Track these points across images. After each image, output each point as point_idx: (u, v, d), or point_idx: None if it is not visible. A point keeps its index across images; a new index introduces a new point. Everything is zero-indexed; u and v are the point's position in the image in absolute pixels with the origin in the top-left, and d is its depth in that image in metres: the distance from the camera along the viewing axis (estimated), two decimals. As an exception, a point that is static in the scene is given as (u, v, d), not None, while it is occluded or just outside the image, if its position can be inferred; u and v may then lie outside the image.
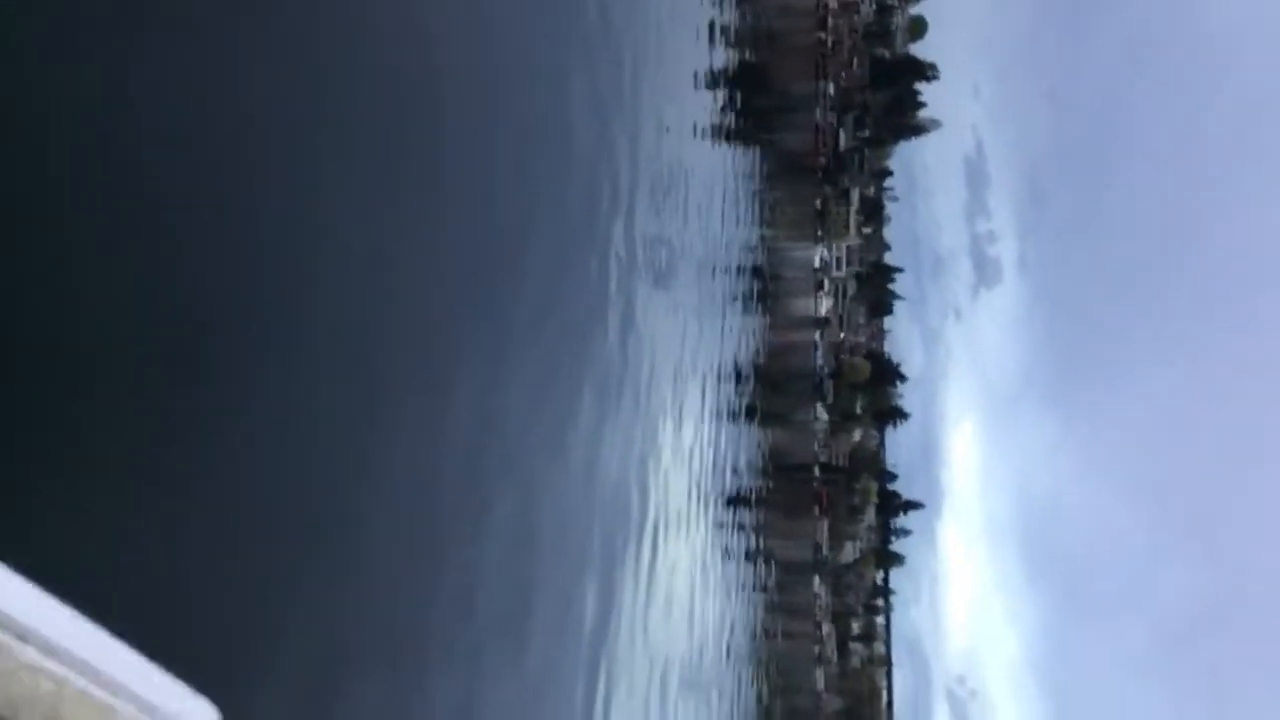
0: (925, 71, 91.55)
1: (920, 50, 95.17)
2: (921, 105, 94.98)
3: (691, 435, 23.24)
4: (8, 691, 1.66)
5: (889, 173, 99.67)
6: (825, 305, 71.14)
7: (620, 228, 16.99)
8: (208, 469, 5.81)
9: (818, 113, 65.53)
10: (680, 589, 21.17)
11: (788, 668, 49.44)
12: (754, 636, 36.16)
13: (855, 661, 79.76)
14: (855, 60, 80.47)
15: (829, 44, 69.39)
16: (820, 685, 64.53)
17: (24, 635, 1.68)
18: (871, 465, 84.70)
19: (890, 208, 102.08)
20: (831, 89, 69.75)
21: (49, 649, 1.75)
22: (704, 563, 24.69)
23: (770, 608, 42.01)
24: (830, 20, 70.24)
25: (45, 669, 1.72)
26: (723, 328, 31.02)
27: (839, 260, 75.68)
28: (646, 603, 16.62)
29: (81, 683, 1.80)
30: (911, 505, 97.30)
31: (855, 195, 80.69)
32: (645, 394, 17.48)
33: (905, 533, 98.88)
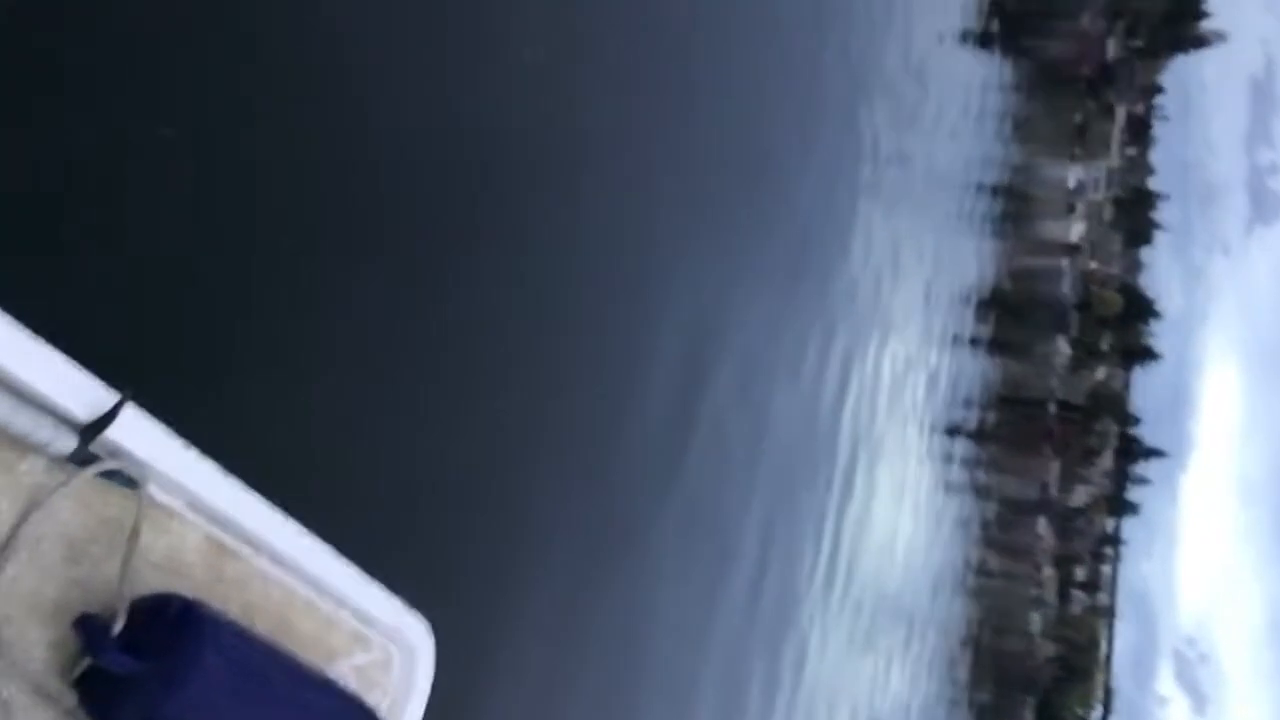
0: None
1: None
2: (1205, 15, 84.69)
3: (921, 358, 22.28)
4: (245, 597, 1.92)
5: (1160, 89, 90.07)
6: (1077, 230, 66.05)
7: (866, 143, 16.22)
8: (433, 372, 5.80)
9: (1085, 17, 59.77)
10: (896, 517, 20.68)
11: (1002, 608, 47.86)
12: (969, 573, 35.23)
13: (1076, 609, 76.05)
14: (1134, -41, 72.61)
15: (1106, -59, 62.89)
16: (1035, 629, 62.10)
17: (258, 545, 1.97)
18: (1113, 407, 79.00)
19: (1159, 128, 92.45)
20: (1104, -8, 63.41)
21: (279, 559, 2.01)
22: (923, 493, 23.96)
23: (989, 545, 40.66)
24: (1110, -86, 63.48)
25: (276, 578, 2.02)
26: (964, 251, 29.39)
27: (1097, 182, 69.72)
28: (860, 528, 16.28)
29: (307, 593, 2.07)
30: (1154, 453, 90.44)
31: (1120, 112, 73.63)
32: (875, 312, 16.77)
33: (1144, 481, 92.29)
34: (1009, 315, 40.40)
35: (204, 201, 4.43)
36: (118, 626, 1.58)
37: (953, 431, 28.78)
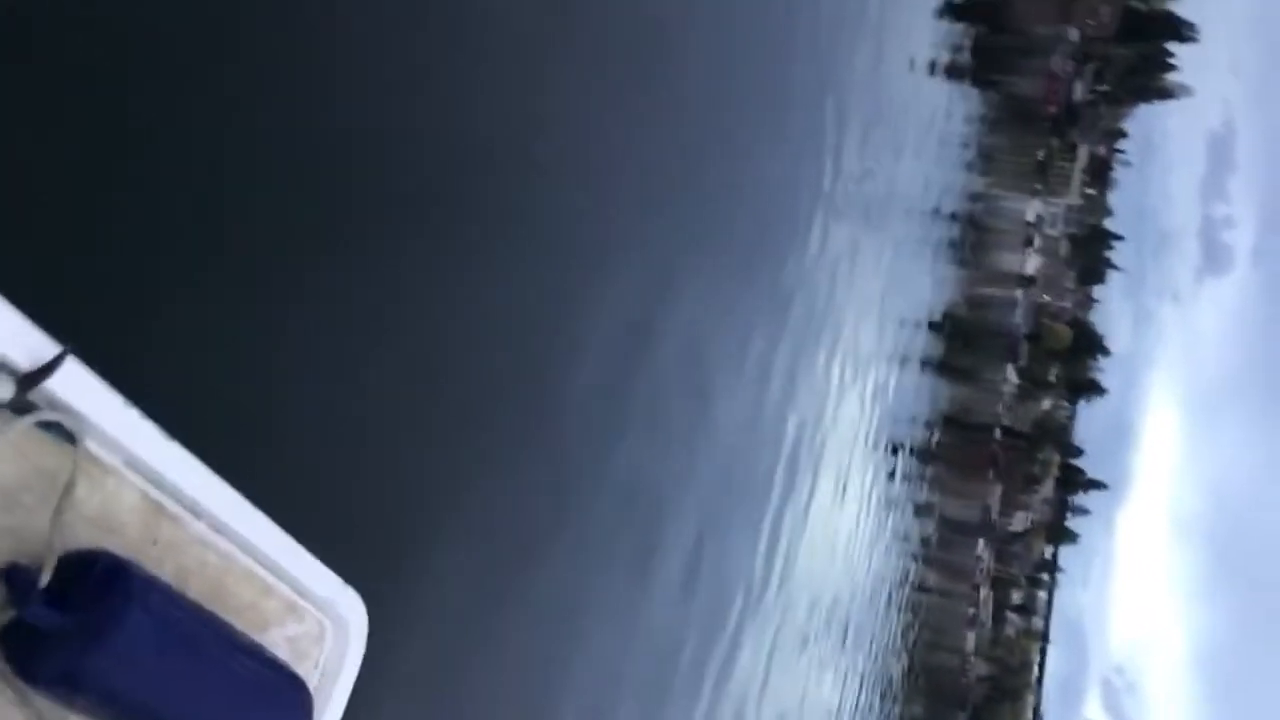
0: (1182, 31, 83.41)
1: (1180, 8, 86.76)
2: (1171, 68, 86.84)
3: (870, 372, 22.81)
4: (179, 561, 1.89)
5: (1123, 134, 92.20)
6: (1033, 263, 67.53)
7: (829, 155, 16.62)
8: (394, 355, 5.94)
9: (1056, 59, 61.41)
10: (837, 529, 20.97)
11: (938, 625, 48.54)
12: (907, 587, 35.58)
13: (1010, 631, 77.47)
14: (1105, 8, 74.43)
15: (1079, -15, 64.49)
16: (970, 648, 63.23)
17: (197, 511, 1.95)
18: (1057, 437, 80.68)
19: (1120, 172, 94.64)
20: (1075, 35, 65.00)
21: (218, 526, 2.00)
22: (864, 504, 24.40)
23: (928, 562, 41.18)
24: (1085, -41, 65.16)
25: (213, 544, 1.99)
26: (918, 272, 30.02)
27: (1055, 218, 71.40)
28: (798, 532, 16.50)
29: (245, 561, 2.07)
30: (1094, 484, 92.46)
31: (1083, 152, 75.40)
32: (826, 320, 17.22)
33: (1083, 511, 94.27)
34: (960, 340, 41.42)
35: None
36: (44, 579, 1.56)
37: (897, 448, 29.33)
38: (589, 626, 8.64)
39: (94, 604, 1.59)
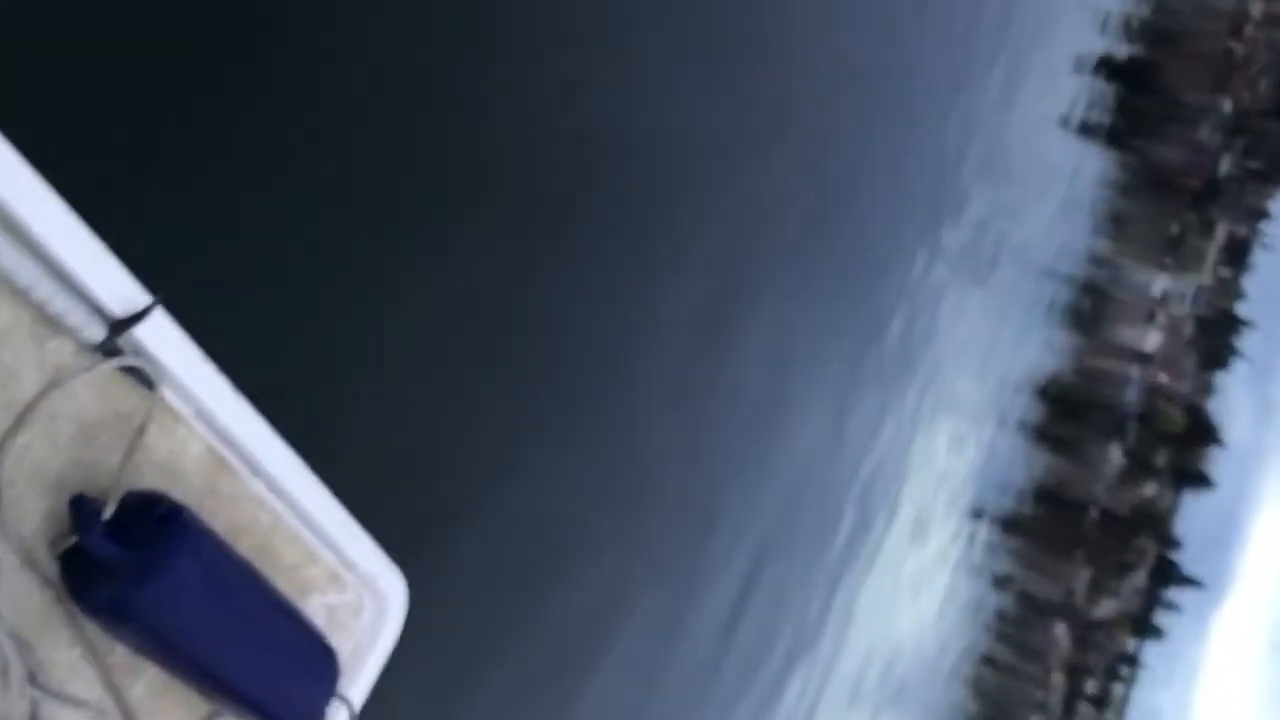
0: (1346, 111, 79.06)
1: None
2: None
3: (962, 430, 21.80)
4: (233, 515, 2.00)
5: (1267, 215, 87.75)
6: (1153, 340, 64.48)
7: (948, 201, 15.97)
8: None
9: (1204, 130, 58.60)
10: (905, 583, 20.20)
11: (1002, 703, 46.70)
12: (973, 660, 34.38)
13: (1078, 723, 73.89)
14: (1264, 81, 70.89)
15: (1239, 56, 61.50)
16: (1033, 734, 60.36)
17: (256, 469, 2.06)
18: (1157, 526, 76.77)
19: (1258, 255, 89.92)
20: (1228, 107, 62.01)
21: (275, 487, 2.10)
22: (939, 566, 23.41)
23: (1001, 638, 39.73)
24: (1248, 30, 62.12)
25: (268, 504, 2.10)
26: (1027, 331, 28.79)
27: (1183, 296, 68.07)
28: (865, 582, 15.89)
29: (295, 524, 2.15)
30: (1190, 582, 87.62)
31: (1221, 230, 71.86)
32: (921, 368, 16.43)
33: (1175, 609, 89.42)
34: (1066, 412, 39.51)
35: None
36: (108, 512, 1.68)
37: (982, 514, 28.17)
38: (628, 635, 8.53)
39: (149, 543, 1.70)
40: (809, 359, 11.48)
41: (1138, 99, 39.38)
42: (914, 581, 20.25)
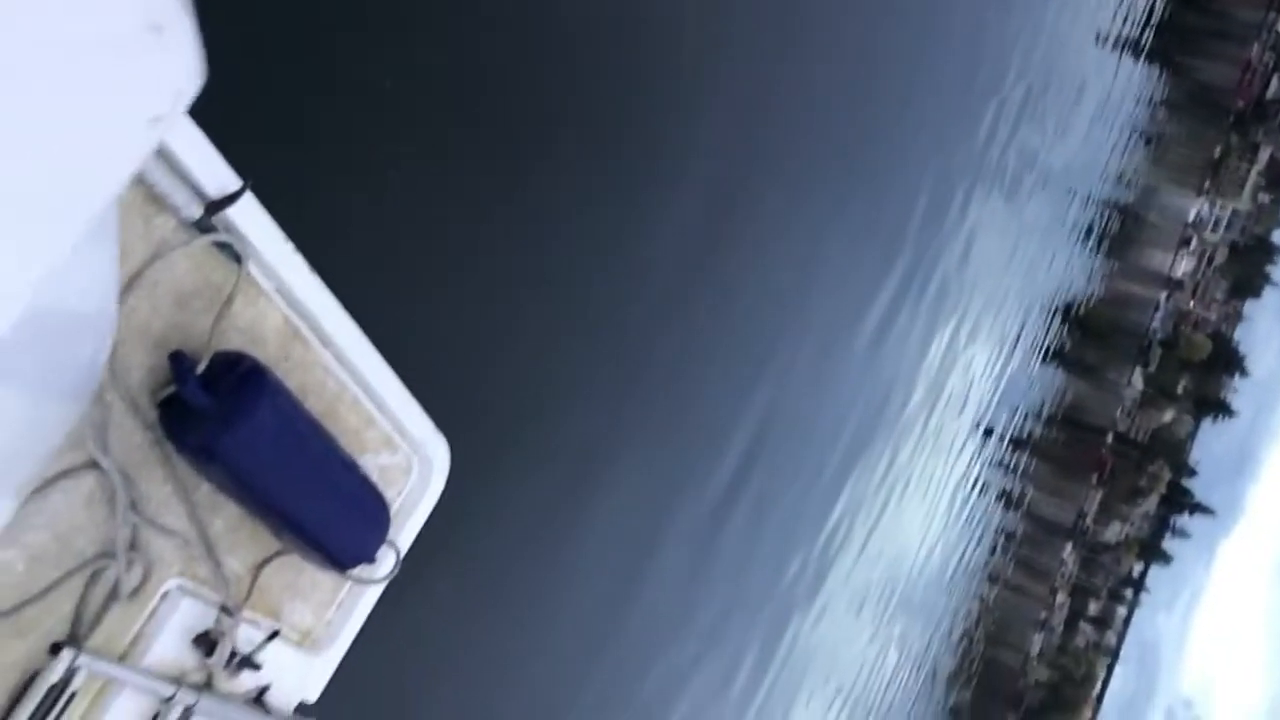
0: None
1: None
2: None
3: (986, 356, 21.64)
4: (303, 379, 2.25)
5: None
6: (1183, 266, 63.50)
7: (987, 121, 15.55)
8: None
9: (1255, 48, 56.53)
10: (923, 505, 20.36)
11: (1005, 620, 47.49)
12: (983, 578, 34.84)
13: (1080, 642, 75.18)
14: (1323, -1, 68.00)
15: (1298, -29, 58.88)
16: (1034, 650, 61.63)
17: (325, 340, 2.30)
18: (1172, 452, 76.75)
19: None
20: (1281, 26, 59.70)
21: (340, 357, 2.35)
22: (957, 485, 23.54)
23: (1010, 557, 40.20)
24: (1309, -56, 59.33)
25: (334, 371, 2.34)
26: (1059, 256, 28.35)
27: (1218, 221, 66.71)
28: (879, 498, 16.00)
29: (356, 391, 2.41)
30: (1201, 509, 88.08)
31: (1265, 155, 69.95)
32: (951, 292, 16.22)
33: (1183, 534, 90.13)
34: (1091, 335, 39.17)
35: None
36: (200, 367, 1.92)
37: (1002, 435, 28.19)
38: (663, 554, 8.69)
39: (234, 395, 1.93)
40: (835, 277, 11.35)
41: (1186, 13, 37.92)
42: (929, 498, 20.41)
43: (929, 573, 24.60)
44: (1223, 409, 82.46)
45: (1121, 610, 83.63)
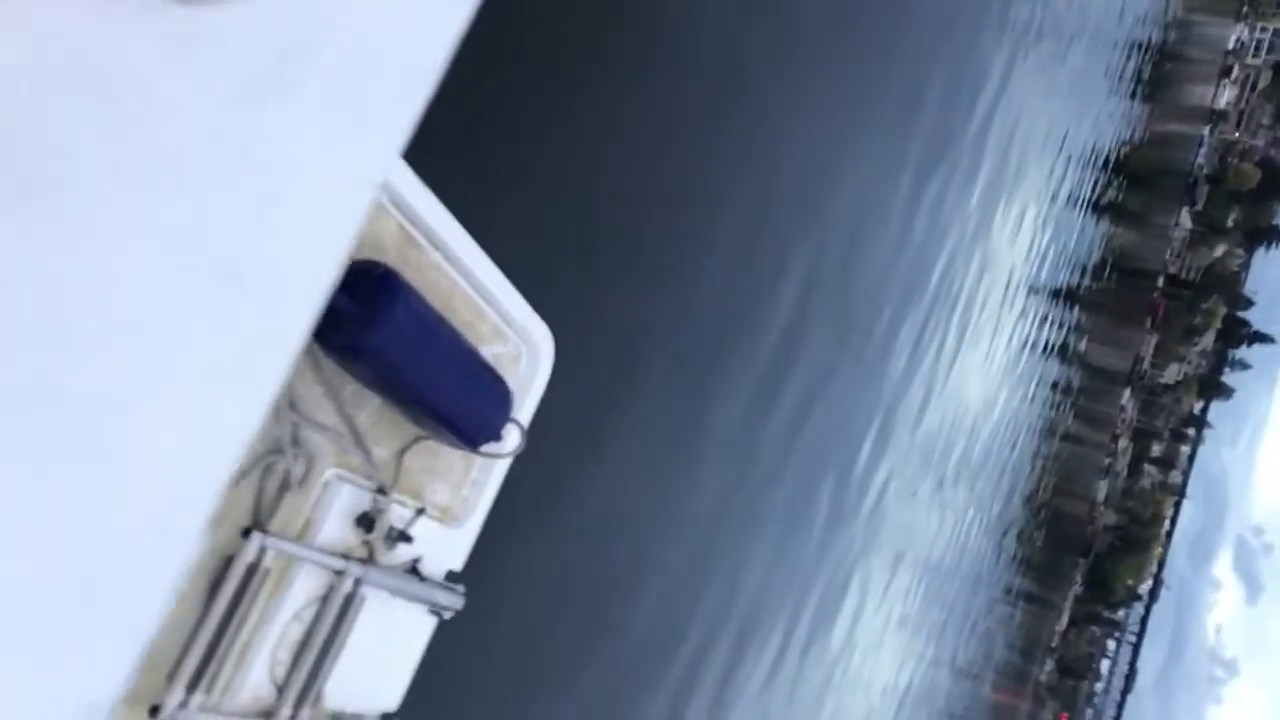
0: None
1: None
2: None
3: (1033, 215, 21.63)
4: (421, 279, 2.44)
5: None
6: (1226, 96, 61.55)
7: None
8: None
9: None
10: (981, 368, 20.56)
11: (1071, 472, 47.77)
12: (1045, 434, 34.91)
13: (1145, 484, 75.65)
14: None
15: None
16: (1100, 496, 62.29)
17: (436, 244, 2.51)
18: (1226, 286, 75.46)
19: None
20: None
21: (450, 258, 2.57)
22: (1014, 349, 23.73)
23: (1070, 410, 40.15)
24: None
25: (446, 271, 2.57)
26: (1099, 106, 27.86)
27: (1259, 45, 64.26)
28: (945, 371, 16.24)
29: (467, 287, 2.66)
30: (1260, 338, 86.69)
31: (1304, -33, 66.71)
32: (990, 150, 16.17)
33: (1244, 366, 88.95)
34: (1135, 181, 38.64)
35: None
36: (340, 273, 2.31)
37: (1054, 292, 28.21)
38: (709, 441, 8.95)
39: (372, 298, 2.12)
40: (874, 147, 11.34)
41: None
42: (984, 360, 20.60)
43: (995, 435, 24.89)
44: (1276, 235, 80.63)
45: (1185, 449, 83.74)
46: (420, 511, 2.64)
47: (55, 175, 0.97)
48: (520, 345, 2.90)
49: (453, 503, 2.82)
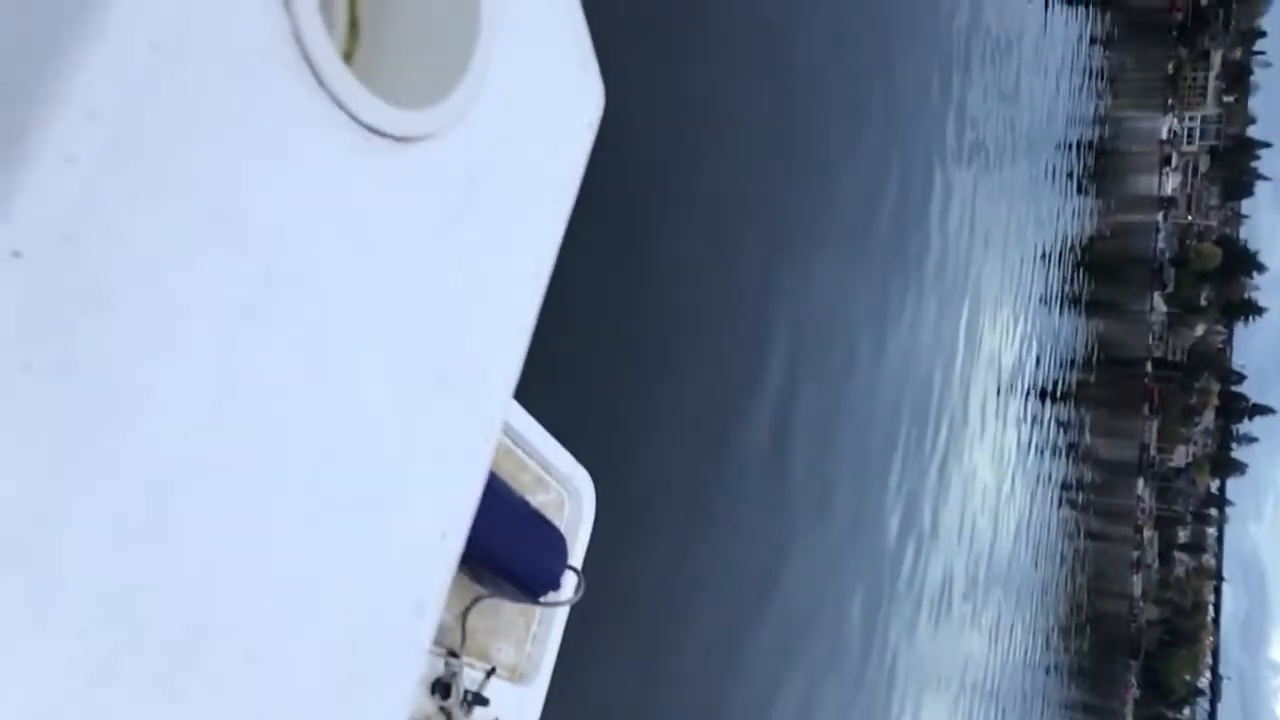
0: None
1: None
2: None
3: (1009, 321, 22.01)
4: None
5: (1261, 33, 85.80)
6: (1171, 183, 63.87)
7: (951, 94, 15.98)
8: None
9: (1176, -38, 57.65)
10: (987, 482, 20.39)
11: (1101, 571, 46.73)
12: (1066, 537, 34.37)
13: (1180, 571, 73.97)
14: (1229, -102, 69.23)
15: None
16: (1137, 592, 60.80)
17: None
18: (1214, 363, 76.21)
19: (1259, 74, 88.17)
20: (1196, -67, 60.84)
21: None
22: (1014, 456, 23.62)
23: (1086, 508, 39.67)
24: None
25: None
26: (1050, 208, 28.78)
27: (1191, 133, 67.19)
28: (949, 493, 16.07)
29: (507, 441, 2.72)
30: (1260, 410, 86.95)
31: (1216, 58, 70.62)
32: (961, 273, 16.60)
33: (1249, 440, 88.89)
34: (1102, 274, 39.53)
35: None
36: None
37: (1046, 394, 28.33)
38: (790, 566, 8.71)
39: None
40: (842, 281, 11.50)
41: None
42: (989, 476, 20.47)
43: (1015, 549, 24.46)
44: (1250, 308, 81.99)
45: (1211, 530, 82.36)
46: (491, 672, 2.61)
47: (301, 299, 1.03)
48: (562, 492, 2.92)
49: (519, 660, 2.79)
